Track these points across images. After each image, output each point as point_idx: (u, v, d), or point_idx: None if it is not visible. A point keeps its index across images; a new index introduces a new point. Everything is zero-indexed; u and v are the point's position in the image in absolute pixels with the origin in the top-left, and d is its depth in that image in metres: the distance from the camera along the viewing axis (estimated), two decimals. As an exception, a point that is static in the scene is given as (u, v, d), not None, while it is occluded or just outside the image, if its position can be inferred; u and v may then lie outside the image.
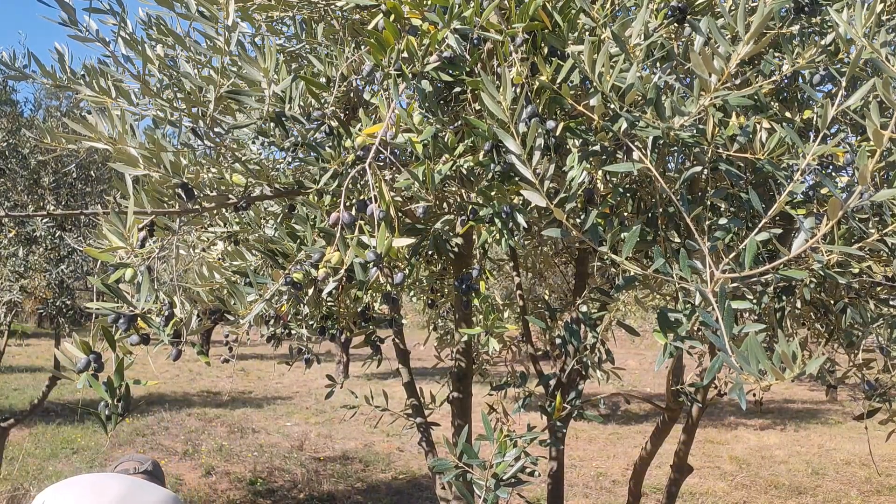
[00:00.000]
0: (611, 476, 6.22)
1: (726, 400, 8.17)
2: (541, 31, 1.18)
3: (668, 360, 1.16)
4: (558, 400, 1.62)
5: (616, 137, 1.14)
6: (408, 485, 5.90)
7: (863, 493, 5.82)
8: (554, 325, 1.51)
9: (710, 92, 1.04)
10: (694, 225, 1.07)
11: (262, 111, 1.20)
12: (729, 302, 0.95)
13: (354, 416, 2.49)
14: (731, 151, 1.17)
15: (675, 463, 2.87)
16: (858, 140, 1.38)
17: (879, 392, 1.69)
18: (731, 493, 5.80)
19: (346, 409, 2.41)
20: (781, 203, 1.02)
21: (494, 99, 1.04)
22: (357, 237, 1.13)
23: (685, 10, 1.18)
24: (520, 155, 1.02)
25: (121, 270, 1.10)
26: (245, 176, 1.33)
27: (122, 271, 1.10)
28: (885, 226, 1.05)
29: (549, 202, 1.02)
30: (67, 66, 1.43)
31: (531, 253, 2.77)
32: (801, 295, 1.46)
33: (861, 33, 0.97)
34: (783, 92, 1.47)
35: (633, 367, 11.84)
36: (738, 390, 0.93)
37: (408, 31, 1.17)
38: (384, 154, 1.14)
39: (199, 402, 9.12)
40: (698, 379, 2.22)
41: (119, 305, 1.08)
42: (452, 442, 1.69)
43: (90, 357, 1.05)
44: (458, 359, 2.20)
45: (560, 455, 2.38)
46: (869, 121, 0.88)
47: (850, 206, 0.91)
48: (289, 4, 1.42)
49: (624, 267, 1.08)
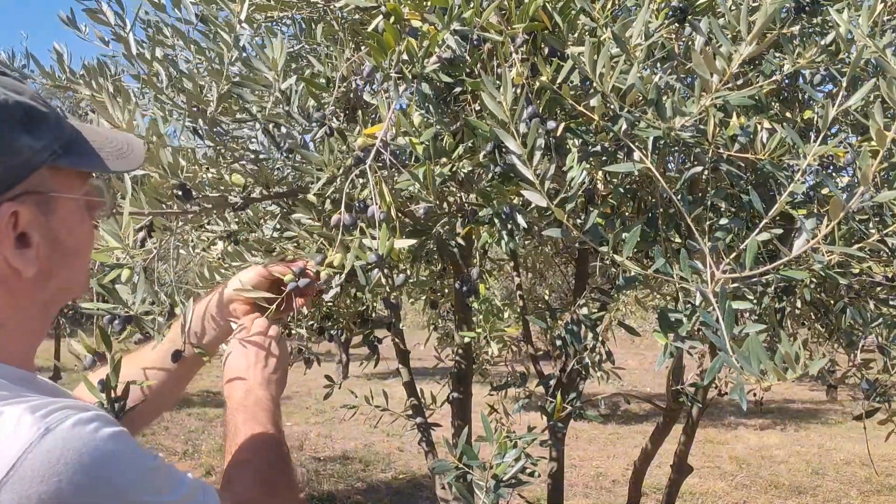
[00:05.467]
0: (611, 476, 6.21)
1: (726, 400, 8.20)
2: (541, 32, 1.18)
3: (669, 360, 1.16)
4: (558, 400, 1.62)
5: (616, 138, 1.14)
6: (408, 485, 5.90)
7: (863, 493, 5.82)
8: (554, 325, 1.51)
9: (711, 92, 1.03)
10: (694, 225, 1.06)
11: (267, 109, 1.20)
12: (730, 302, 0.95)
13: (354, 416, 2.48)
14: (731, 152, 1.17)
15: (675, 463, 2.87)
16: (859, 140, 1.38)
17: (879, 392, 1.69)
18: (731, 493, 5.80)
19: (345, 409, 2.41)
20: (782, 203, 1.01)
21: (495, 99, 1.03)
22: (358, 239, 1.13)
23: (686, 11, 1.18)
24: (520, 155, 1.02)
25: (116, 271, 1.10)
26: (244, 177, 1.33)
27: (118, 272, 1.10)
28: (886, 226, 1.05)
29: (550, 202, 1.02)
30: (66, 65, 1.43)
31: (531, 253, 2.77)
32: (802, 295, 1.46)
33: (865, 33, 0.96)
34: (784, 92, 1.47)
35: (633, 367, 11.84)
36: (739, 390, 0.93)
37: (408, 32, 1.16)
38: (384, 155, 1.14)
39: (199, 402, 9.12)
40: (698, 379, 2.22)
41: (115, 306, 1.08)
42: (452, 442, 1.69)
43: (94, 357, 1.05)
44: (458, 359, 2.20)
45: (560, 455, 2.38)
46: (872, 121, 0.88)
47: (851, 206, 0.91)
48: (288, 5, 1.42)
49: (624, 267, 1.08)
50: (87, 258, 0.86)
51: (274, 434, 1.00)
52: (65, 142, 0.78)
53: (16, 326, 0.77)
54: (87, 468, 0.65)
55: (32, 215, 0.74)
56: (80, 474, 0.65)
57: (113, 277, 1.11)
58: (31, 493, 0.62)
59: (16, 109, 0.73)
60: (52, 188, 0.77)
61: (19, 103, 0.74)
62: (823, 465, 6.61)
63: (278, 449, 0.99)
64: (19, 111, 0.73)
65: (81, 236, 0.82)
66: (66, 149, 0.78)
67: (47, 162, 0.75)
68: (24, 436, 0.64)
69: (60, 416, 0.67)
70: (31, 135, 0.74)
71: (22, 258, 0.74)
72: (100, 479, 0.66)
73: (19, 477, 0.62)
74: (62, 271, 0.80)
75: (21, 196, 0.73)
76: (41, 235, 0.75)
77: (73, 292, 0.86)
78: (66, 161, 0.78)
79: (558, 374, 1.78)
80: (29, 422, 0.65)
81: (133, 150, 0.87)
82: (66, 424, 0.66)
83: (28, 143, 0.73)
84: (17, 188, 0.73)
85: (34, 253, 0.75)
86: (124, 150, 0.85)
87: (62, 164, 0.77)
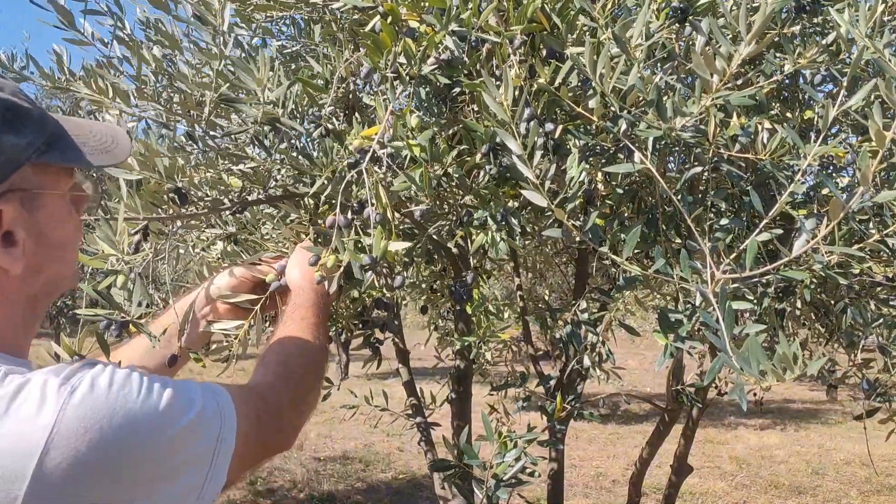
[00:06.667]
0: (611, 476, 6.21)
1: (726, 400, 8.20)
2: (539, 33, 1.18)
3: (669, 360, 1.15)
4: (558, 400, 1.62)
5: (616, 138, 1.14)
6: (408, 485, 5.90)
7: (863, 493, 5.82)
8: (554, 325, 1.51)
9: (711, 92, 1.03)
10: (695, 225, 1.06)
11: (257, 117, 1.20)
12: (730, 302, 0.95)
13: (354, 416, 2.49)
14: (732, 152, 1.16)
15: (675, 463, 2.86)
16: (859, 141, 1.37)
17: (879, 392, 1.68)
18: (731, 493, 5.80)
19: (345, 408, 2.40)
20: (782, 203, 1.01)
21: (495, 99, 1.03)
22: (353, 240, 1.12)
23: (686, 11, 1.17)
24: (521, 155, 1.02)
25: (111, 277, 1.10)
26: (241, 179, 1.32)
27: (113, 278, 1.10)
28: (886, 226, 1.05)
29: (550, 202, 1.02)
30: (66, 67, 1.42)
31: (531, 253, 2.76)
32: (802, 296, 1.45)
33: (864, 33, 0.96)
34: (784, 92, 1.47)
35: (633, 367, 11.83)
36: (739, 391, 0.93)
37: (405, 32, 1.16)
38: (381, 156, 1.14)
39: (199, 402, 9.11)
40: (698, 379, 2.22)
41: (111, 312, 1.08)
42: (452, 442, 1.69)
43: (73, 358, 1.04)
44: (457, 359, 2.20)
45: (560, 455, 2.38)
46: (871, 121, 0.87)
47: (851, 207, 0.91)
48: (287, 5, 1.41)
49: (624, 267, 1.08)
50: (74, 251, 0.86)
51: (304, 327, 1.11)
52: (48, 138, 0.77)
53: (6, 323, 0.77)
54: (120, 413, 0.70)
55: (17, 212, 0.74)
56: (117, 417, 0.70)
57: (108, 283, 1.11)
58: (78, 446, 0.67)
59: None
60: (37, 185, 0.76)
61: (1, 100, 0.73)
62: (823, 465, 6.60)
63: (301, 339, 1.09)
64: (1, 108, 0.73)
65: (68, 230, 0.82)
66: (49, 145, 0.78)
67: (31, 159, 0.75)
68: (55, 398, 0.68)
69: (79, 376, 0.71)
70: (14, 132, 0.73)
71: (8, 256, 0.74)
72: (132, 418, 0.71)
73: (62, 434, 0.66)
74: (51, 265, 0.80)
75: (5, 194, 0.73)
76: (26, 232, 0.75)
77: (61, 286, 0.86)
78: (50, 157, 0.77)
79: (558, 374, 1.78)
80: (56, 384, 0.69)
81: (118, 143, 0.86)
82: (86, 381, 0.70)
83: (11, 141, 0.73)
84: (1, 186, 0.73)
85: (20, 250, 0.75)
86: (108, 144, 0.85)
87: (46, 160, 0.77)
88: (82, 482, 0.67)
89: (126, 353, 1.12)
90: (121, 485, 0.69)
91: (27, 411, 0.67)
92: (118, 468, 0.69)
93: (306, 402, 1.05)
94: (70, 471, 0.66)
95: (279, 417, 0.96)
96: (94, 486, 0.67)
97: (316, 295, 1.15)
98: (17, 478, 0.64)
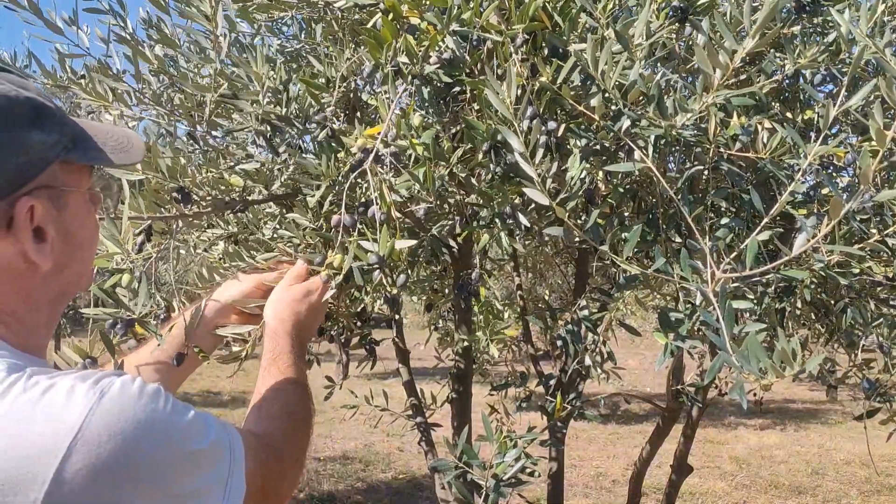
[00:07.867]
0: (611, 476, 6.21)
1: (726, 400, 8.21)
2: (541, 32, 1.18)
3: (669, 360, 1.16)
4: (558, 400, 1.62)
5: (617, 137, 1.14)
6: (408, 485, 5.90)
7: (863, 493, 5.82)
8: (554, 325, 1.51)
9: (713, 89, 1.03)
10: (695, 225, 1.06)
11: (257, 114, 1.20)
12: (730, 302, 0.95)
13: (354, 416, 2.49)
14: (732, 151, 1.16)
15: (675, 463, 2.86)
16: (860, 140, 1.38)
17: (880, 392, 1.68)
18: (731, 493, 5.80)
19: (345, 409, 2.40)
20: (783, 203, 1.01)
21: (498, 96, 1.03)
22: (358, 240, 1.13)
23: (686, 11, 1.17)
24: (523, 153, 1.02)
25: (116, 276, 1.10)
26: (243, 178, 1.33)
27: (119, 277, 1.10)
28: (886, 226, 1.05)
29: (551, 201, 1.02)
30: (68, 65, 1.43)
31: (531, 253, 2.76)
32: (802, 295, 1.46)
33: (865, 33, 0.96)
34: (785, 92, 1.47)
35: (633, 367, 11.83)
36: (739, 390, 0.93)
37: (406, 29, 1.16)
38: (384, 155, 1.14)
39: (200, 402, 9.11)
40: (698, 379, 2.22)
41: (117, 311, 1.08)
42: (452, 442, 1.69)
43: (85, 361, 1.05)
44: (458, 359, 2.20)
45: (560, 455, 2.38)
46: (872, 121, 0.88)
47: (851, 206, 0.91)
48: (288, 4, 1.42)
49: (625, 267, 1.08)
50: (93, 251, 0.87)
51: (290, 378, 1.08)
52: (72, 136, 0.79)
53: (32, 321, 0.78)
54: (145, 423, 0.70)
55: (46, 210, 0.75)
56: (141, 428, 0.69)
57: (114, 282, 1.12)
58: (100, 453, 0.66)
59: (26, 105, 0.74)
60: (64, 182, 0.78)
61: (29, 99, 0.74)
62: (823, 465, 6.61)
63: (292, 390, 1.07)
64: (29, 107, 0.74)
65: (90, 230, 0.84)
66: (74, 143, 0.79)
67: (60, 157, 0.76)
68: (82, 402, 0.67)
69: (108, 381, 0.71)
70: (41, 130, 0.74)
71: (40, 252, 0.75)
72: (156, 430, 0.71)
73: (86, 440, 0.66)
74: (73, 264, 0.81)
75: (36, 191, 0.74)
76: (55, 229, 0.76)
77: (80, 285, 0.87)
78: (75, 155, 0.79)
79: (558, 374, 1.78)
80: (84, 388, 0.69)
81: (132, 143, 0.88)
82: (115, 387, 0.70)
83: (40, 138, 0.74)
84: (32, 183, 0.74)
85: (49, 247, 0.76)
86: (125, 144, 0.86)
87: (71, 158, 0.78)
88: (105, 487, 0.66)
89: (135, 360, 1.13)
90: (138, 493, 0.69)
91: (53, 413, 0.66)
92: (139, 476, 0.69)
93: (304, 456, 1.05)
94: (90, 475, 0.65)
95: (281, 462, 0.96)
96: (116, 491, 0.67)
97: (290, 338, 1.13)
98: (36, 480, 0.64)
